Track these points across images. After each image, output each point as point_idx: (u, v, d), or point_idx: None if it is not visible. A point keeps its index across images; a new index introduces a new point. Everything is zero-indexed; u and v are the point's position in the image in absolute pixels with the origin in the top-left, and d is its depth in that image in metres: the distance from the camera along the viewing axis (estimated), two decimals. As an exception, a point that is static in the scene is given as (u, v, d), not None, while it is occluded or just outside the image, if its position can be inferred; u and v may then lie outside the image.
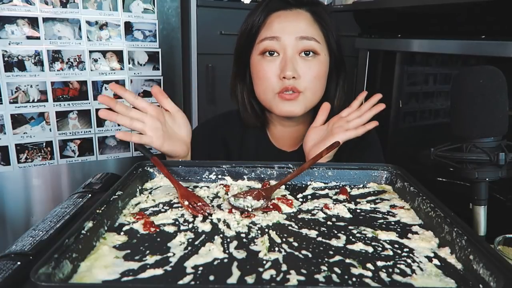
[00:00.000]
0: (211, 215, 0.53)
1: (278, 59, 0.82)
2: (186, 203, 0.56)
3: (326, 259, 0.43)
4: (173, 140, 0.78)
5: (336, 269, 0.41)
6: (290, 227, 0.51)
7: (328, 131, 0.80)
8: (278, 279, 0.39)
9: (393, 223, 0.53)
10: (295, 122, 0.90)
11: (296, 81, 0.81)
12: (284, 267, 0.41)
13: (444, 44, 1.25)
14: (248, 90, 0.90)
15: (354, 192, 0.63)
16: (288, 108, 0.82)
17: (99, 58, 1.59)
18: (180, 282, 0.38)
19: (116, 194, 0.54)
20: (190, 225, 0.51)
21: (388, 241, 0.47)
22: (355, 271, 0.41)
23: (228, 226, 0.50)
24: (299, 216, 0.54)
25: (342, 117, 0.80)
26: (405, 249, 0.46)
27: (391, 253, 0.45)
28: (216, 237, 0.47)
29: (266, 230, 0.50)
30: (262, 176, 0.67)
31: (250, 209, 0.55)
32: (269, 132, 0.94)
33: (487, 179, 0.59)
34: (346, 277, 0.40)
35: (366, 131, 0.77)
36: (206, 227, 0.50)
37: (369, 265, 0.42)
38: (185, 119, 0.82)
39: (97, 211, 0.49)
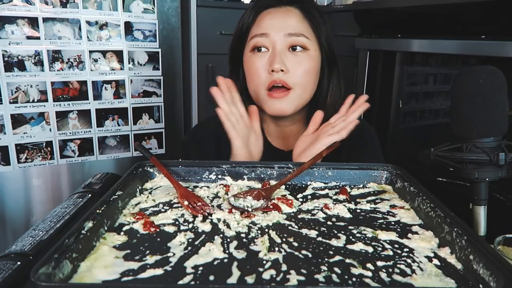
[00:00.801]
0: (211, 215, 0.53)
1: (267, 54, 0.83)
2: (186, 203, 0.56)
3: (326, 259, 0.43)
4: (245, 143, 0.79)
5: (336, 269, 0.41)
6: (290, 227, 0.51)
7: (314, 138, 0.80)
8: (278, 279, 0.39)
9: (393, 223, 0.53)
10: (290, 121, 0.90)
11: (285, 75, 0.81)
12: (284, 267, 0.41)
13: (444, 44, 1.25)
14: (242, 88, 0.90)
15: (354, 192, 0.63)
16: (278, 106, 0.83)
17: (99, 58, 1.59)
18: (180, 282, 0.38)
19: (116, 194, 0.54)
20: (190, 225, 0.51)
21: (388, 241, 0.47)
22: (355, 271, 0.41)
23: (228, 226, 0.50)
24: (299, 216, 0.54)
25: (330, 123, 0.80)
26: (405, 249, 0.46)
27: (391, 253, 0.45)
28: (216, 237, 0.47)
29: (266, 230, 0.49)
30: (262, 176, 0.67)
31: (250, 209, 0.55)
32: (266, 132, 0.95)
33: (487, 179, 0.59)
34: (346, 277, 0.40)
35: (348, 132, 0.77)
36: (206, 227, 0.50)
37: (369, 265, 0.42)
38: (261, 142, 0.83)
39: (97, 211, 0.49)
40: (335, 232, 0.49)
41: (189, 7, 1.75)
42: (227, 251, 0.44)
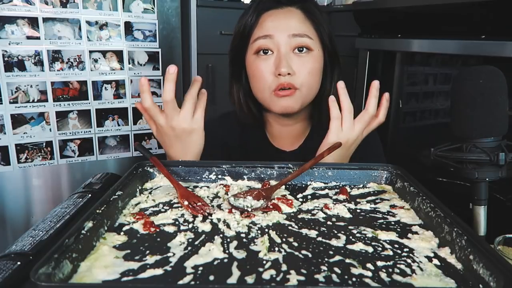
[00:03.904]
0: (211, 215, 0.53)
1: (272, 57, 0.82)
2: (186, 203, 0.56)
3: (326, 259, 0.43)
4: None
5: (336, 269, 0.41)
6: (290, 227, 0.51)
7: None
8: (278, 279, 0.39)
9: (393, 223, 0.53)
10: (293, 120, 0.90)
11: (291, 77, 0.81)
12: (284, 267, 0.41)
13: (444, 44, 1.25)
14: (244, 90, 0.91)
15: (354, 192, 0.63)
16: (285, 103, 0.83)
17: (99, 58, 1.59)
18: (180, 282, 0.38)
19: (116, 194, 0.54)
20: (190, 225, 0.51)
21: (388, 241, 0.47)
22: (355, 271, 0.41)
23: (228, 226, 0.50)
24: (299, 216, 0.54)
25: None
26: (405, 249, 0.46)
27: (391, 253, 0.45)
28: (216, 237, 0.47)
29: (266, 230, 0.49)
30: (262, 176, 0.67)
31: (250, 209, 0.55)
32: (268, 132, 0.95)
33: (487, 179, 0.59)
34: (346, 277, 0.40)
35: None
36: (206, 227, 0.50)
37: (369, 265, 0.42)
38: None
39: (97, 211, 0.49)
40: (335, 232, 0.49)
41: (189, 7, 1.75)
42: (227, 251, 0.44)
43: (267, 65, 0.82)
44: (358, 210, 0.56)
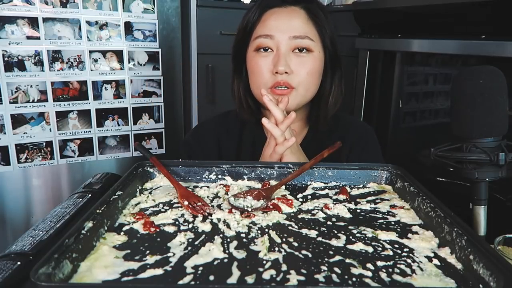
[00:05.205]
0: (211, 215, 0.53)
1: (271, 54, 0.83)
2: (186, 203, 0.56)
3: (326, 259, 0.43)
4: None
5: (336, 269, 0.41)
6: (290, 227, 0.51)
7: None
8: (278, 279, 0.39)
9: (393, 223, 0.53)
10: None
11: (289, 76, 0.81)
12: (284, 267, 0.41)
13: (444, 44, 1.25)
14: (244, 86, 0.91)
15: (354, 192, 0.63)
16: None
17: (99, 58, 1.59)
18: (180, 282, 0.38)
19: (116, 194, 0.54)
20: (190, 225, 0.51)
21: (388, 241, 0.47)
22: (355, 271, 0.41)
23: (228, 226, 0.50)
24: (299, 216, 0.54)
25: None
26: (405, 249, 0.46)
27: (391, 253, 0.45)
28: (216, 237, 0.47)
29: (266, 230, 0.49)
30: (262, 176, 0.66)
31: (250, 209, 0.55)
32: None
33: (487, 179, 0.59)
34: (346, 277, 0.40)
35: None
36: (206, 227, 0.50)
37: (369, 265, 0.42)
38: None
39: (97, 211, 0.49)
40: (335, 232, 0.49)
41: (189, 7, 1.75)
42: (227, 251, 0.44)
43: (266, 62, 0.83)
44: (358, 210, 0.56)
